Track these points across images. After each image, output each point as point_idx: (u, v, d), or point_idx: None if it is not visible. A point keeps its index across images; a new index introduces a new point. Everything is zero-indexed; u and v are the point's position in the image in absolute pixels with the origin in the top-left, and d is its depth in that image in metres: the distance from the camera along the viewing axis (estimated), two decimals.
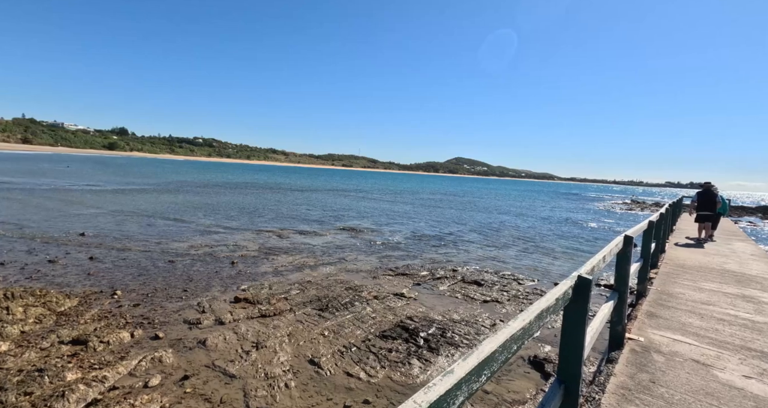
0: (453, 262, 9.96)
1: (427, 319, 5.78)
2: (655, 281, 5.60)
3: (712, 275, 6.23)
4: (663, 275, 5.97)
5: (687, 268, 6.67)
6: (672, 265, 6.85)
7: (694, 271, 6.41)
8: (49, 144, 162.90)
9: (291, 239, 11.46)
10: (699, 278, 5.96)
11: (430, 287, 7.60)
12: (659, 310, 4.31)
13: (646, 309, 4.31)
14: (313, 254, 9.68)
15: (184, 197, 21.65)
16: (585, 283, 1.63)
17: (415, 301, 6.71)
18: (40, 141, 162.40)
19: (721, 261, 7.35)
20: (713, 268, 6.74)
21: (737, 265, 7.06)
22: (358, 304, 6.16)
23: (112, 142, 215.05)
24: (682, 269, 6.53)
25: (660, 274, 5.99)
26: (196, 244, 9.63)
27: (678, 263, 7.00)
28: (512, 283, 8.27)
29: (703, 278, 5.97)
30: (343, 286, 7.15)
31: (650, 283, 5.39)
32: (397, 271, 8.60)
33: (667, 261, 7.15)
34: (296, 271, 8.04)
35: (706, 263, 7.15)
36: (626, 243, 2.96)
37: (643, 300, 4.67)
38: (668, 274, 6.06)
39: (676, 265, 6.87)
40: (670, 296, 4.91)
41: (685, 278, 5.89)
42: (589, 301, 1.70)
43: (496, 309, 6.58)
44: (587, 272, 1.70)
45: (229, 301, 5.78)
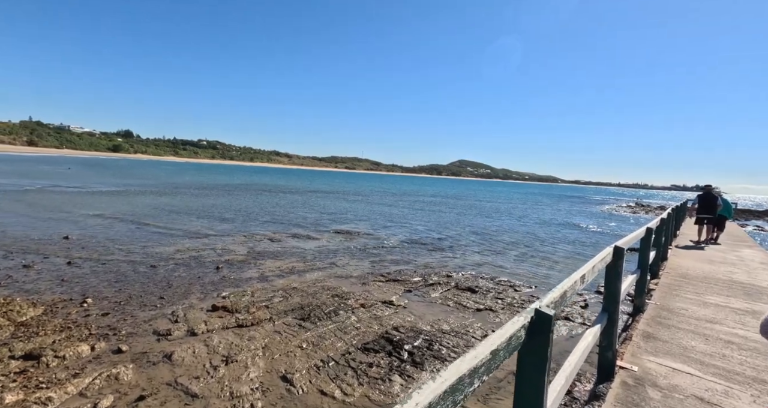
0: (448, 267, 9.64)
1: (415, 329, 5.47)
2: (654, 294, 5.19)
3: (719, 287, 5.80)
4: (664, 287, 5.54)
5: (691, 278, 6.19)
6: (674, 274, 6.39)
7: (698, 282, 5.94)
8: (54, 146, 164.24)
9: (283, 243, 11.19)
10: (704, 290, 5.52)
11: (421, 294, 7.28)
12: (658, 330, 3.88)
13: (643, 329, 3.90)
14: (304, 259, 9.40)
15: (179, 199, 21.47)
16: (544, 320, 1.24)
17: (404, 310, 6.40)
18: (46, 143, 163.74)
19: (728, 270, 6.89)
20: (719, 279, 6.26)
21: (746, 275, 6.58)
22: (343, 313, 5.86)
23: (117, 145, 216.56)
24: (685, 280, 6.05)
25: (660, 286, 5.57)
26: (183, 248, 9.37)
27: (681, 273, 6.53)
28: (508, 290, 7.94)
29: (708, 290, 5.54)
30: (330, 293, 6.85)
31: (649, 296, 5.03)
32: (388, 276, 8.29)
33: (669, 270, 6.71)
34: (283, 276, 7.76)
35: (711, 273, 6.67)
36: (616, 255, 2.58)
37: (641, 316, 4.28)
38: (670, 286, 5.60)
39: (679, 274, 6.40)
40: (670, 312, 4.49)
41: (688, 290, 5.45)
42: (550, 343, 1.30)
43: (489, 318, 6.26)
44: (550, 304, 1.37)
45: (206, 309, 5.50)
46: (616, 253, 2.61)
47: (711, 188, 10.36)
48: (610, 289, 2.75)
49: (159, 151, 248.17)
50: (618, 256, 2.61)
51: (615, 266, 2.65)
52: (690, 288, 5.61)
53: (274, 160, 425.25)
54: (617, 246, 2.64)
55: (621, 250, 2.63)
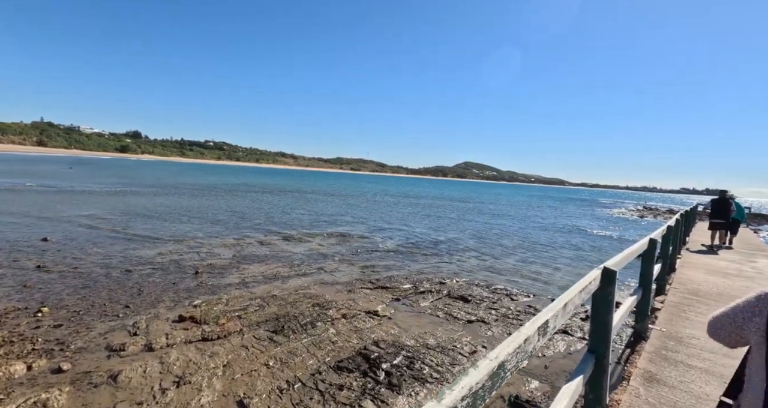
0: (443, 273, 9.18)
1: (397, 344, 5.02)
2: (660, 315, 4.51)
3: None
4: (671, 306, 4.88)
5: (702, 295, 5.47)
6: (683, 290, 5.69)
7: (711, 301, 5.20)
8: (63, 146, 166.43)
9: (272, 246, 10.81)
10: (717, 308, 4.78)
11: (409, 303, 6.83)
12: (663, 369, 3.20)
13: (644, 367, 3.21)
14: (291, 263, 9.00)
15: (175, 200, 21.25)
16: None
17: (389, 321, 5.96)
18: (55, 144, 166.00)
19: (744, 286, 6.16)
20: (736, 297, 5.55)
21: None
22: (321, 325, 5.43)
23: (125, 145, 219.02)
24: (695, 297, 5.34)
25: (667, 305, 4.91)
26: (166, 251, 9.03)
27: (691, 288, 5.80)
28: (504, 299, 7.46)
29: None
30: (311, 301, 6.43)
31: (654, 319, 4.37)
32: (377, 283, 7.85)
33: (678, 285, 6.00)
34: (265, 282, 7.36)
35: (726, 289, 5.91)
36: (606, 280, 2.00)
37: (642, 346, 3.61)
38: (678, 306, 4.92)
39: (689, 290, 5.69)
40: (679, 342, 3.77)
41: (699, 311, 4.75)
42: None
43: (480, 331, 5.79)
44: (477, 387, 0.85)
45: (172, 320, 5.11)
46: (605, 277, 2.00)
47: (726, 193, 10.24)
48: (597, 323, 2.10)
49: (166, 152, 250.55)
50: (608, 280, 2.01)
51: (604, 294, 2.02)
52: (702, 308, 4.90)
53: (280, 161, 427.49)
54: (607, 268, 2.03)
55: (612, 274, 2.02)
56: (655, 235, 3.84)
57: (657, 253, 5.42)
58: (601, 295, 2.03)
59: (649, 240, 3.61)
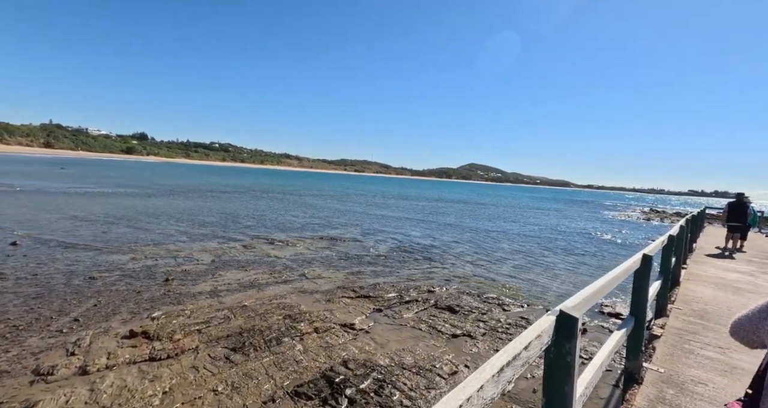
0: (433, 280, 8.67)
1: (368, 364, 4.52)
2: (658, 347, 3.62)
3: None
4: (672, 335, 3.98)
5: (710, 318, 4.57)
6: (688, 311, 4.81)
7: (720, 326, 4.29)
8: (69, 148, 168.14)
9: (257, 250, 10.36)
10: (731, 342, 3.71)
11: (392, 315, 6.33)
12: None
13: None
14: (272, 269, 8.54)
15: (166, 201, 20.92)
16: None
17: (366, 336, 5.46)
18: (62, 145, 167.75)
19: None
20: None
21: None
22: (288, 341, 4.95)
23: (131, 147, 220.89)
24: (702, 321, 4.42)
25: (668, 333, 4.02)
26: (141, 255, 8.61)
27: (697, 309, 4.91)
28: (494, 309, 6.93)
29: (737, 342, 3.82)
30: (283, 313, 5.95)
31: (650, 353, 3.51)
32: (360, 292, 7.36)
33: (682, 303, 5.13)
34: (239, 291, 6.89)
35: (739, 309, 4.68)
36: (562, 330, 1.30)
37: (634, 393, 2.81)
38: (680, 334, 4.01)
39: (694, 311, 4.80)
40: (681, 390, 2.87)
41: (707, 342, 3.83)
42: None
43: (465, 347, 5.27)
44: None
45: (122, 335, 4.65)
46: (561, 326, 1.28)
47: (743, 196, 10.15)
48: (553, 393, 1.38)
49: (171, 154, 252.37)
50: (565, 331, 1.28)
51: (560, 352, 1.32)
52: (710, 336, 4.01)
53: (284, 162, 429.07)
54: (564, 312, 1.29)
55: (571, 322, 1.29)
56: (650, 250, 3.12)
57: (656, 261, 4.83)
58: (555, 356, 1.32)
59: (642, 256, 2.83)
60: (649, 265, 2.84)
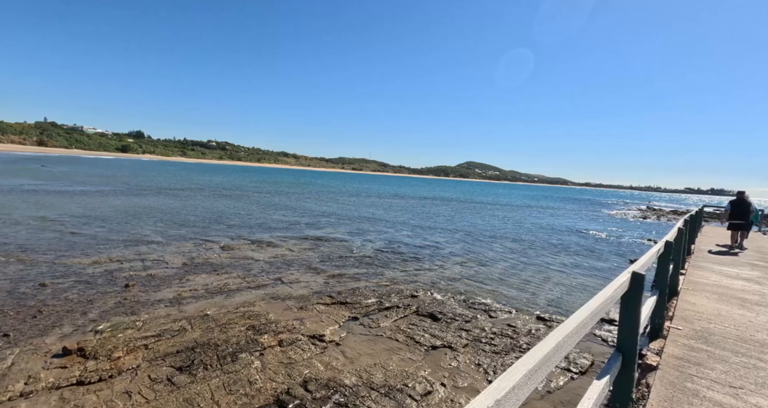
0: (418, 283, 8.18)
1: (332, 384, 4.02)
2: (654, 387, 2.84)
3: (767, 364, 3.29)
4: (671, 368, 3.16)
5: (716, 342, 3.77)
6: (688, 331, 4.01)
7: (729, 353, 3.50)
8: (64, 146, 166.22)
9: (234, 252, 9.83)
10: (744, 375, 3.08)
11: (368, 323, 5.83)
12: None
13: None
14: (247, 273, 8.02)
15: (152, 200, 20.31)
16: None
17: (336, 349, 4.96)
18: (55, 143, 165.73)
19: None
20: (765, 342, 3.77)
21: None
22: (245, 357, 4.44)
23: (126, 145, 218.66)
24: (706, 346, 3.63)
25: (665, 363, 3.22)
26: (106, 259, 8.06)
27: (699, 328, 4.11)
28: (480, 316, 6.45)
29: (751, 375, 3.07)
30: (248, 323, 5.44)
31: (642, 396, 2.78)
32: (337, 298, 6.86)
33: (681, 320, 4.36)
34: (204, 298, 6.37)
35: (748, 328, 4.17)
36: None
37: None
38: (681, 367, 3.18)
39: (696, 332, 4.00)
40: None
41: (714, 380, 2.98)
42: None
43: (444, 361, 4.79)
44: None
45: (53, 354, 4.13)
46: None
47: (744, 194, 10.35)
48: None
49: (167, 152, 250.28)
50: None
51: None
52: (717, 369, 3.15)
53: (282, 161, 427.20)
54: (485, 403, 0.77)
55: None
56: (641, 266, 2.44)
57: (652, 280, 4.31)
58: None
59: (630, 276, 2.13)
60: (639, 287, 2.15)
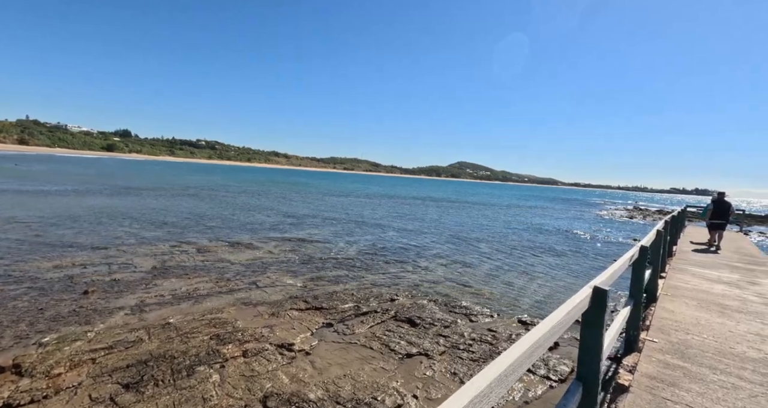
0: (399, 286, 7.93)
1: (295, 399, 3.73)
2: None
3: (749, 383, 2.90)
4: (644, 390, 2.73)
5: (693, 356, 3.37)
6: (665, 344, 3.59)
7: (706, 370, 3.11)
8: (46, 145, 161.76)
9: (211, 254, 9.44)
10: (719, 394, 2.73)
11: (342, 330, 5.55)
12: None
13: None
14: (220, 276, 7.66)
15: (131, 200, 19.68)
16: None
17: (305, 358, 4.67)
18: (38, 142, 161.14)
19: (755, 331, 4.03)
20: (745, 356, 3.40)
21: None
22: (203, 370, 4.11)
23: (112, 144, 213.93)
24: (683, 362, 3.22)
25: (638, 383, 2.83)
26: (68, 263, 7.62)
27: (676, 340, 3.71)
28: (460, 320, 6.22)
29: (726, 396, 2.70)
30: (213, 331, 5.10)
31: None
32: (312, 303, 6.55)
33: (659, 329, 3.96)
34: (169, 304, 6.01)
35: (727, 339, 3.81)
36: None
37: None
38: (654, 389, 2.76)
39: (673, 345, 3.59)
40: None
41: (686, 400, 2.62)
42: None
43: (419, 370, 4.53)
44: None
45: None
46: None
47: (725, 195, 10.70)
48: None
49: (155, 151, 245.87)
50: None
51: None
52: (693, 391, 2.75)
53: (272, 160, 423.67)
54: None
55: None
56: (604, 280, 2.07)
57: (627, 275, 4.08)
58: None
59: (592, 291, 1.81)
60: (602, 305, 1.83)
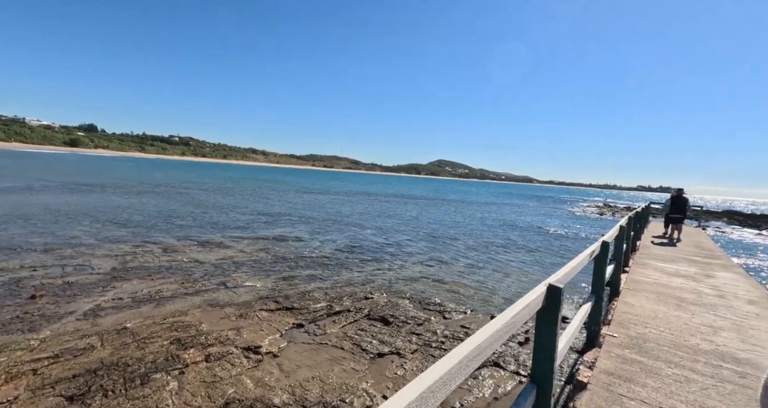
0: (374, 284, 7.83)
1: (258, 405, 3.57)
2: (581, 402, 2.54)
3: (701, 375, 2.98)
4: (601, 387, 2.72)
5: (650, 350, 3.44)
6: (625, 338, 3.67)
7: (661, 362, 3.18)
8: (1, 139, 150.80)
9: (177, 254, 9.02)
10: (673, 388, 2.77)
11: (313, 331, 5.40)
12: None
13: None
14: (187, 277, 7.31)
15: (90, 198, 18.61)
16: None
17: (272, 361, 4.49)
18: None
19: (708, 323, 4.22)
20: (698, 348, 3.53)
21: (737, 337, 3.84)
22: (160, 377, 3.86)
23: (75, 139, 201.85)
24: (640, 357, 3.27)
25: (596, 380, 2.82)
26: (14, 265, 7.05)
27: (635, 334, 3.80)
28: (434, 317, 6.19)
29: (679, 390, 2.75)
30: (174, 336, 4.83)
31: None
32: (283, 303, 6.35)
33: (619, 324, 4.06)
34: (128, 307, 5.65)
35: (682, 331, 3.94)
36: None
37: None
38: (611, 386, 2.77)
39: (631, 339, 3.67)
40: None
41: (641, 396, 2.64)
42: None
43: (390, 370, 4.45)
44: None
45: None
46: None
47: (683, 192, 11.33)
48: None
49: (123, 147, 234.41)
50: None
51: None
52: (649, 386, 2.78)
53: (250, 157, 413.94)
54: None
55: None
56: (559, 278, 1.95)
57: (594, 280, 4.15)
58: None
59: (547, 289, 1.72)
60: (557, 303, 1.73)
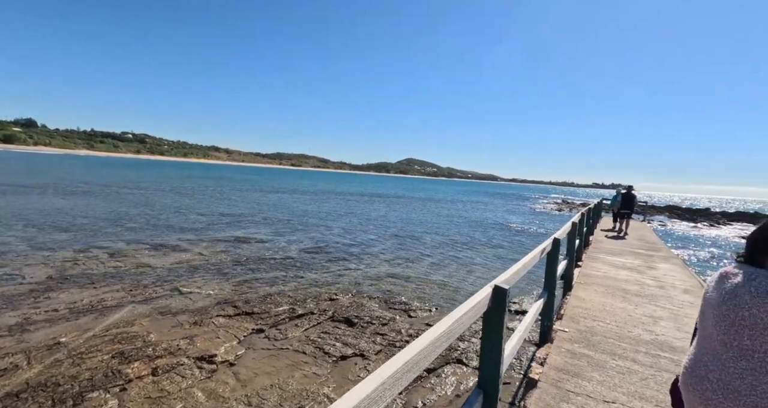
0: (339, 285, 7.70)
1: None
2: (533, 397, 2.61)
3: (641, 366, 3.16)
4: (550, 384, 2.79)
5: (597, 343, 3.61)
6: (574, 332, 3.85)
7: (606, 355, 3.35)
8: None
9: (126, 259, 8.37)
10: (616, 380, 2.91)
11: (274, 336, 5.19)
12: None
13: None
14: (136, 284, 6.78)
15: (22, 200, 16.91)
16: None
17: (228, 370, 4.25)
18: None
19: (648, 314, 4.49)
20: (640, 339, 3.76)
21: (673, 326, 4.10)
22: (97, 396, 3.53)
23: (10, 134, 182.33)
24: (587, 351, 3.41)
25: (546, 377, 2.89)
26: None
27: (585, 328, 3.96)
28: (399, 317, 6.19)
29: (622, 381, 2.89)
30: (116, 349, 4.44)
31: None
32: (243, 307, 6.07)
33: (570, 318, 4.25)
34: (64, 320, 5.14)
35: (626, 323, 4.19)
36: None
37: None
38: (560, 382, 2.83)
39: (581, 334, 3.81)
40: None
41: (589, 396, 2.67)
42: None
43: (353, 372, 4.37)
44: None
45: None
46: None
47: (631, 189, 12.47)
48: None
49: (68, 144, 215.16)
50: None
51: None
52: (594, 379, 2.91)
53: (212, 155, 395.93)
54: None
55: None
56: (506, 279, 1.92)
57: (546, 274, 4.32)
58: None
59: (492, 290, 1.68)
60: (502, 305, 1.68)
